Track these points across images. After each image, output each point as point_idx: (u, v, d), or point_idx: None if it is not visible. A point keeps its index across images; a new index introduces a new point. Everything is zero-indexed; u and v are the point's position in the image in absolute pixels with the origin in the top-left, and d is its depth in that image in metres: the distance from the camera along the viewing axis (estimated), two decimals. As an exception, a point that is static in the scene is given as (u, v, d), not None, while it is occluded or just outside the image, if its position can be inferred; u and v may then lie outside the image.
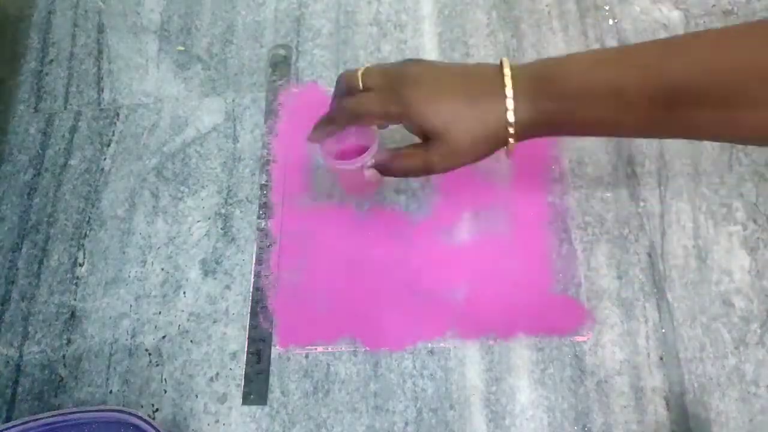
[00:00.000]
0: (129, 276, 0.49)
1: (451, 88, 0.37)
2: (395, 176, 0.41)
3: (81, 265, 0.50)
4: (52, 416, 0.41)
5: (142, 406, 0.45)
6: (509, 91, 0.36)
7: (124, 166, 0.53)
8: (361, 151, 0.41)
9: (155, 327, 0.47)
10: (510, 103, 0.36)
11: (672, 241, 0.45)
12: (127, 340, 0.47)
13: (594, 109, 0.35)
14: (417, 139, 0.40)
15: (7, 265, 0.51)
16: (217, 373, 0.45)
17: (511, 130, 0.37)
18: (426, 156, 0.38)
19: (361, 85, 0.39)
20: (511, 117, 0.36)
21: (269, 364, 0.45)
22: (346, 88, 0.40)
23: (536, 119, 0.36)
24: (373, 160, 0.41)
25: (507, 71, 0.37)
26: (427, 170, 0.39)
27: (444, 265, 0.46)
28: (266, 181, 0.50)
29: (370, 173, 0.41)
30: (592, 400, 0.42)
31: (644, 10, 0.52)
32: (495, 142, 0.38)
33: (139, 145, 0.53)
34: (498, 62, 0.38)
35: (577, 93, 0.35)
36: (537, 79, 0.36)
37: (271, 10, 0.56)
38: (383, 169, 0.41)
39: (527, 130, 0.37)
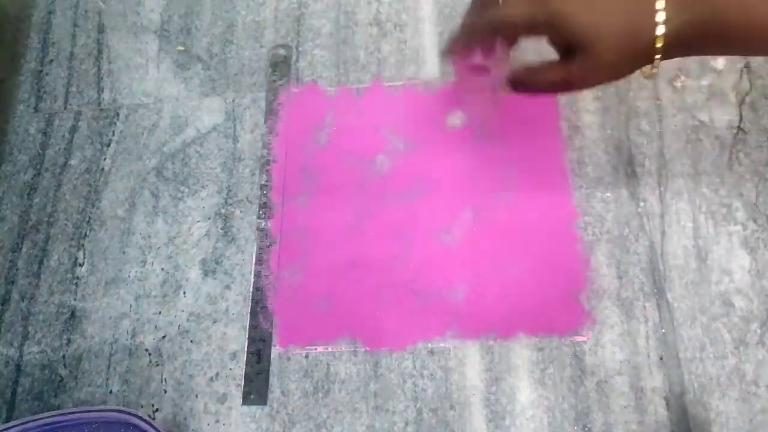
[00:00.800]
0: (129, 276, 0.49)
1: None
2: (530, 92, 0.40)
3: (81, 265, 0.50)
4: (52, 416, 0.41)
5: (142, 406, 0.45)
6: (660, 2, 0.34)
7: (124, 166, 0.53)
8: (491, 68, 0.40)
9: (155, 327, 0.47)
10: (661, 15, 0.34)
11: (672, 241, 0.45)
12: (127, 340, 0.47)
13: (752, 20, 0.34)
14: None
15: (7, 265, 0.51)
16: (217, 373, 0.46)
17: (659, 44, 0.35)
18: (567, 70, 0.37)
19: None
20: (660, 29, 0.34)
21: (269, 364, 0.45)
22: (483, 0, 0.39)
23: (687, 31, 0.35)
24: (507, 76, 0.40)
25: None
26: (566, 85, 0.38)
27: (444, 265, 0.46)
28: (266, 181, 0.50)
29: (503, 88, 0.40)
30: (592, 400, 0.42)
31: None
32: (641, 58, 0.36)
33: (139, 145, 0.53)
34: None
35: (736, 3, 0.34)
36: None
37: (271, 10, 0.56)
38: (518, 84, 0.40)
39: (676, 44, 0.35)
